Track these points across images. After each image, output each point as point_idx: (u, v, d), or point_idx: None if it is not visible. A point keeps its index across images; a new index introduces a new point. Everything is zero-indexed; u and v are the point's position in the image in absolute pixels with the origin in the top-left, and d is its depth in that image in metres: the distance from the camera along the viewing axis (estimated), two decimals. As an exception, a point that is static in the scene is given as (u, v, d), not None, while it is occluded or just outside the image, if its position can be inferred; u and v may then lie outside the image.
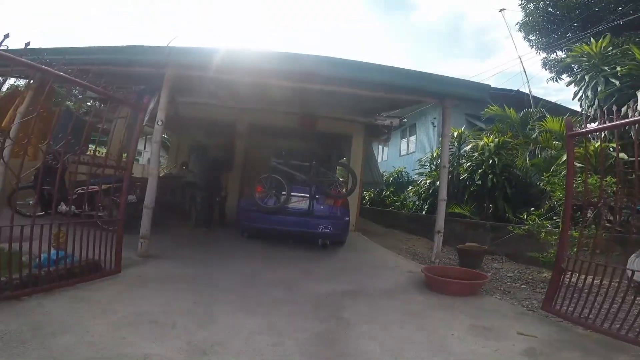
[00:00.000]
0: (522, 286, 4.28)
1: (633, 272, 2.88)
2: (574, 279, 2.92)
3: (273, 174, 5.74)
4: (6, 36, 2.67)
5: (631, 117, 2.95)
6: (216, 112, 7.63)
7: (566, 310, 2.89)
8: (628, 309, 2.51)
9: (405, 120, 9.92)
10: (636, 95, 5.15)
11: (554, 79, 11.89)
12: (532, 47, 13.03)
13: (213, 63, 4.60)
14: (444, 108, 5.35)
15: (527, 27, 12.83)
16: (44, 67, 2.81)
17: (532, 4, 12.32)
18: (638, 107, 4.67)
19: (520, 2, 12.80)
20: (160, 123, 4.25)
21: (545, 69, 12.75)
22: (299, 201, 5.64)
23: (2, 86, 4.13)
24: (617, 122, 2.71)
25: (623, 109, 5.28)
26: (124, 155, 4.79)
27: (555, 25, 11.88)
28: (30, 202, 6.25)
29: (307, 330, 2.41)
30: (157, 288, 3.05)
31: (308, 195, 5.64)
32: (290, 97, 6.42)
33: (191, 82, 5.42)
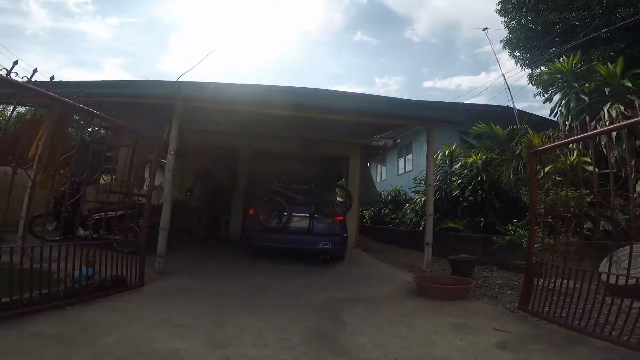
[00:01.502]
0: (509, 292, 4.63)
1: (601, 274, 3.26)
2: (546, 282, 3.31)
3: (275, 197, 6.22)
4: (35, 71, 2.99)
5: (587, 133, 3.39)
6: (218, 138, 8.10)
7: (540, 310, 3.27)
8: (591, 308, 2.84)
9: (398, 140, 10.46)
10: (602, 111, 5.63)
11: (541, 94, 12.43)
12: (517, 63, 13.64)
13: (218, 96, 5.16)
14: (428, 130, 5.85)
15: (511, 44, 13.34)
16: (74, 102, 3.20)
17: (514, 22, 12.94)
18: (602, 122, 5.15)
19: (503, 19, 13.44)
20: (172, 153, 4.72)
21: (532, 84, 13.29)
22: (299, 220, 6.07)
23: (12, 113, 4.51)
24: (563, 141, 3.22)
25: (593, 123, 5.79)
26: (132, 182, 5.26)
27: (537, 41, 12.46)
28: (50, 227, 6.70)
29: (309, 329, 2.80)
30: (177, 299, 3.45)
31: (308, 215, 6.05)
32: (288, 123, 6.96)
33: (195, 111, 5.95)
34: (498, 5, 13.35)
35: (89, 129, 7.45)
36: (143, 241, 3.87)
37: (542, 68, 12.63)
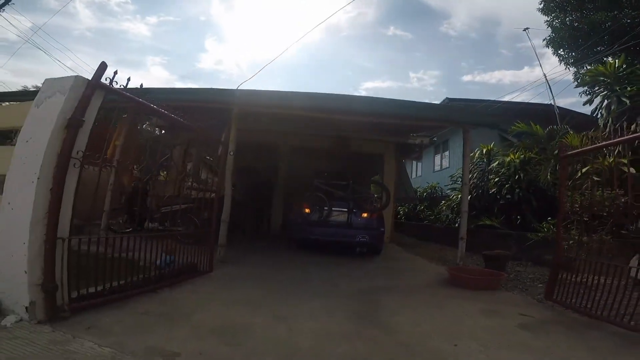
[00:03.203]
0: (539, 285, 4.86)
1: (630, 269, 3.49)
2: (572, 276, 3.58)
3: (316, 192, 6.71)
4: (115, 73, 3.54)
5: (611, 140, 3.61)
6: (260, 136, 8.66)
7: (564, 300, 3.57)
8: (613, 299, 3.05)
9: (435, 139, 10.66)
10: None
11: (586, 93, 12.10)
12: (562, 62, 13.27)
13: (268, 102, 5.76)
14: (464, 132, 6.11)
15: (554, 43, 13.03)
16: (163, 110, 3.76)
17: (557, 21, 12.60)
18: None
19: (547, 18, 13.10)
20: (232, 153, 5.37)
21: (577, 83, 12.92)
22: (339, 215, 6.55)
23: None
24: (592, 147, 3.45)
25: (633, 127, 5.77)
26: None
27: (582, 40, 12.09)
28: (121, 221, 7.66)
29: (351, 309, 3.31)
30: (240, 283, 4.09)
31: (346, 210, 6.53)
32: (326, 122, 7.44)
33: (246, 114, 6.58)
34: (540, 4, 13.06)
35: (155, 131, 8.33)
36: (212, 232, 4.52)
37: (588, 67, 12.24)
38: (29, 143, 2.41)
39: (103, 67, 2.62)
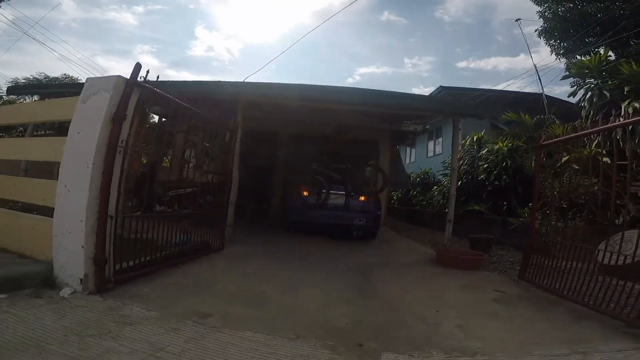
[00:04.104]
0: (518, 267, 5.29)
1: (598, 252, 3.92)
2: (543, 258, 4.07)
3: (314, 175, 6.84)
4: (148, 72, 3.84)
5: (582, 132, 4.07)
6: (260, 123, 8.96)
7: (535, 279, 4.07)
8: (577, 280, 3.45)
9: (427, 126, 11.07)
10: (621, 107, 6.07)
11: (572, 85, 12.48)
12: (553, 52, 13.57)
13: (272, 93, 6.13)
14: (454, 122, 6.54)
15: (546, 34, 13.27)
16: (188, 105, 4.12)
17: (550, 12, 12.84)
18: (620, 118, 5.59)
19: (539, 9, 13.31)
20: (238, 140, 5.76)
21: (569, 73, 13.27)
22: (337, 198, 6.68)
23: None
24: (565, 137, 3.96)
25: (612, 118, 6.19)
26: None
27: (573, 31, 12.37)
28: (130, 204, 8.05)
29: (349, 281, 3.84)
30: (249, 259, 4.58)
31: (344, 193, 6.76)
32: (324, 110, 7.80)
33: (251, 103, 6.92)
34: None
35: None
36: (225, 213, 4.96)
37: (578, 57, 12.51)
38: (81, 134, 2.80)
39: (138, 67, 2.99)
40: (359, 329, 2.57)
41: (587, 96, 7.22)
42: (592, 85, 7.27)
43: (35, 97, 10.94)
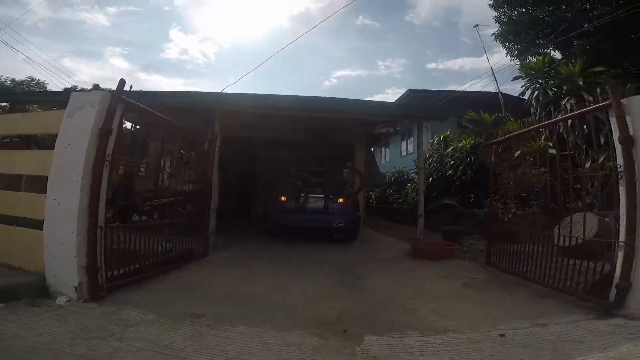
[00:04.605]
0: (487, 254, 5.84)
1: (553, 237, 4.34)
2: (506, 245, 4.47)
3: (292, 179, 6.82)
4: (131, 87, 4.01)
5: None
6: (238, 130, 9.07)
7: (500, 264, 4.47)
8: (537, 262, 3.84)
9: (398, 128, 11.56)
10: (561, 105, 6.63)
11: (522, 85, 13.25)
12: (508, 54, 14.35)
13: (247, 104, 6.31)
14: (418, 125, 7.02)
15: (501, 37, 13.96)
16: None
17: (504, 17, 13.61)
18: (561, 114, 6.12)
19: (496, 14, 14.02)
20: (217, 149, 5.88)
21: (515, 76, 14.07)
22: (315, 201, 6.61)
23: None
24: (508, 135, 4.47)
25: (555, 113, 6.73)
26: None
27: (524, 34, 13.15)
28: (108, 215, 7.96)
29: (334, 278, 4.10)
30: (234, 264, 4.73)
31: (323, 196, 6.63)
32: (300, 116, 8.04)
33: (228, 112, 7.03)
34: (491, 0, 13.82)
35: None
36: (207, 221, 5.08)
37: (530, 58, 13.24)
38: (68, 149, 2.89)
39: (122, 83, 3.12)
40: (343, 318, 2.81)
41: (534, 95, 7.85)
42: (538, 85, 7.91)
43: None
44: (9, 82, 22.50)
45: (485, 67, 73.33)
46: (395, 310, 3.03)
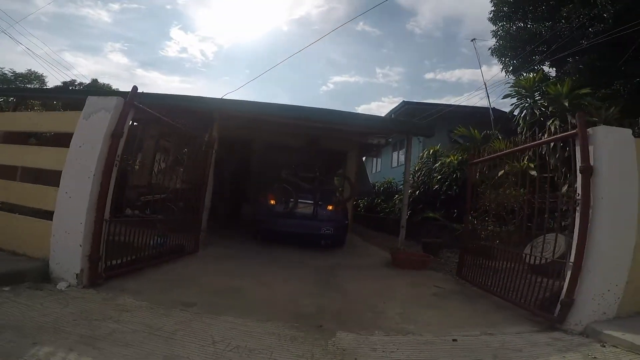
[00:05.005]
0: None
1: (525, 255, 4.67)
2: (476, 259, 4.83)
3: (282, 184, 6.86)
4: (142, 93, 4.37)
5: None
6: (233, 132, 9.34)
7: (469, 277, 4.82)
8: (503, 277, 4.26)
9: (390, 140, 11.90)
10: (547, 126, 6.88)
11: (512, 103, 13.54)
12: (503, 69, 14.43)
13: (245, 110, 6.63)
14: (407, 140, 7.39)
15: (498, 52, 14.13)
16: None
17: (502, 31, 13.75)
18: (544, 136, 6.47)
19: (494, 28, 14.19)
20: (214, 151, 6.18)
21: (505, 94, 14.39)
22: (304, 207, 6.69)
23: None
24: (488, 157, 4.78)
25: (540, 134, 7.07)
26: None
27: (521, 50, 13.21)
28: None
29: (315, 279, 4.43)
30: (223, 260, 5.05)
31: (312, 202, 6.73)
32: (295, 123, 8.38)
33: (226, 116, 7.31)
34: (490, 14, 14.08)
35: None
36: (200, 218, 5.37)
37: (524, 75, 13.40)
38: (82, 148, 3.19)
39: (135, 90, 3.43)
40: (320, 315, 3.13)
41: (522, 114, 8.00)
42: (527, 104, 8.07)
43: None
44: (10, 74, 22.78)
45: (478, 85, 74.82)
46: (367, 312, 3.36)
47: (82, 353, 2.03)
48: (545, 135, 6.11)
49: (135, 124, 8.62)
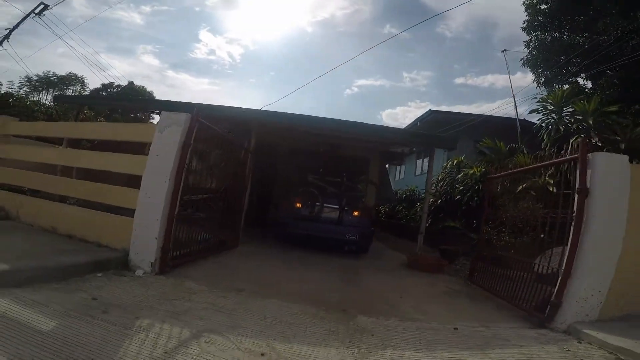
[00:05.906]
0: (475, 273, 6.67)
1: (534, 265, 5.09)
2: (488, 265, 5.33)
3: (309, 187, 7.00)
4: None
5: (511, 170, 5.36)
6: (265, 137, 9.62)
7: (480, 281, 5.32)
8: (511, 283, 4.83)
9: (414, 149, 12.34)
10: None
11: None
12: (535, 81, 14.23)
13: (279, 120, 7.39)
14: (430, 152, 7.89)
15: (530, 63, 13.93)
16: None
17: (536, 42, 13.53)
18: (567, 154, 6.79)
19: (527, 38, 13.87)
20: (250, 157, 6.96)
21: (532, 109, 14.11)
22: (330, 211, 6.76)
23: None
24: (504, 173, 5.26)
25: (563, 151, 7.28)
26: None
27: (555, 61, 12.99)
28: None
29: (339, 276, 5.10)
30: (260, 256, 5.83)
31: (338, 207, 6.79)
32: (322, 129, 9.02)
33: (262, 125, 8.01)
34: (524, 23, 13.87)
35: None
36: (240, 219, 6.17)
37: (557, 87, 12.72)
38: (159, 157, 3.98)
39: (198, 109, 4.21)
40: (344, 303, 3.78)
41: (548, 130, 8.12)
42: (552, 120, 8.20)
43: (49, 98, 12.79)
44: (54, 78, 24.75)
45: (518, 87, 72.64)
46: (384, 304, 3.99)
47: (172, 324, 2.67)
48: (569, 153, 6.42)
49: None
